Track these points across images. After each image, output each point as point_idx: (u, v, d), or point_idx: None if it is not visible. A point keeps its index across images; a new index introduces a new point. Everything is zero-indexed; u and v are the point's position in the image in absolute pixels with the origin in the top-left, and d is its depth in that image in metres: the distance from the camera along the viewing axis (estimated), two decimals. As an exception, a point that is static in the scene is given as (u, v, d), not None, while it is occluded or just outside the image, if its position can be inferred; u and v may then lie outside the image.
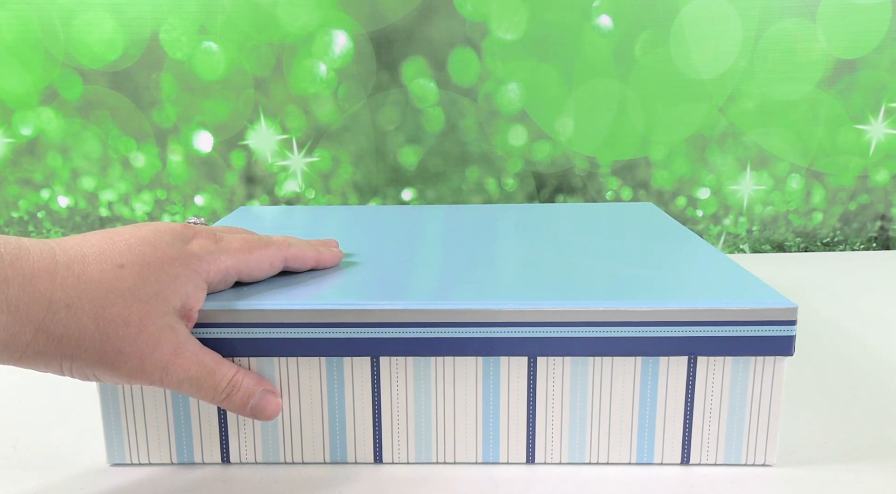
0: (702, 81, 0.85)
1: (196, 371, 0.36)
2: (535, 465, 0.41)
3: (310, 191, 0.87)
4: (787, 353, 0.39)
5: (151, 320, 0.35)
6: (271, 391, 0.39)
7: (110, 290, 0.34)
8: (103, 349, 0.34)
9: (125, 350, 0.34)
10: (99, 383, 0.38)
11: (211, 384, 0.37)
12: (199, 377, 0.37)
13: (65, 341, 0.33)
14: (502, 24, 0.83)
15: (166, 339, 0.35)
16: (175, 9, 0.81)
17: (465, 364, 0.40)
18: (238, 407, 0.38)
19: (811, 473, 0.40)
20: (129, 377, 0.35)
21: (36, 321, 0.32)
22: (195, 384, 0.37)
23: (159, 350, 0.35)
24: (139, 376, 0.35)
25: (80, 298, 0.33)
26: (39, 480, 0.40)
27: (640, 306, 0.39)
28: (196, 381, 0.37)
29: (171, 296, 0.36)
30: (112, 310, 0.34)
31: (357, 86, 0.84)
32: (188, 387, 0.37)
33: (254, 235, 0.42)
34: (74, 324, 0.33)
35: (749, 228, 0.90)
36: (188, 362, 0.36)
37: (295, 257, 0.43)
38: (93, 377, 0.35)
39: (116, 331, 0.34)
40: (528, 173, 0.87)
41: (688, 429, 0.40)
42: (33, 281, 0.32)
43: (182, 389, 0.36)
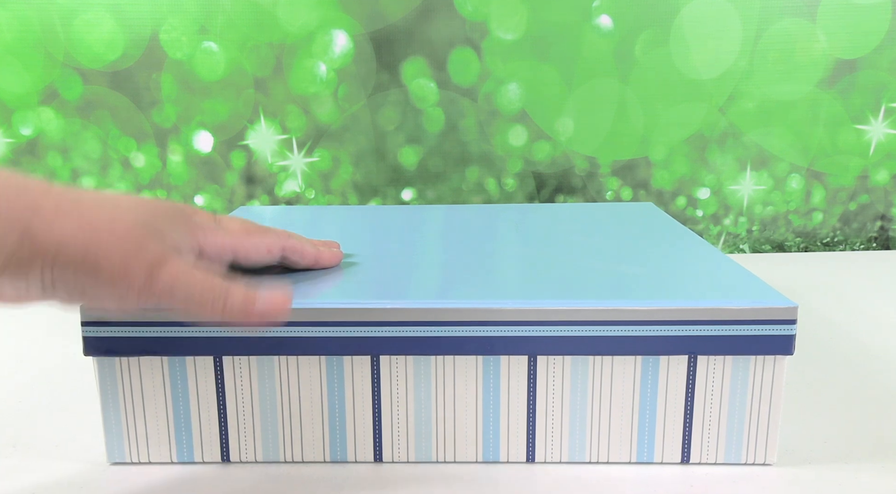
0: (702, 81, 0.85)
1: (186, 277, 0.34)
2: (535, 464, 0.41)
3: (310, 191, 0.87)
4: (788, 352, 0.39)
5: (139, 228, 0.34)
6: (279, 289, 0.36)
7: (103, 205, 0.34)
8: (86, 250, 0.32)
9: (109, 250, 0.33)
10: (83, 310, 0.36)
11: (202, 288, 0.34)
12: (190, 283, 0.34)
13: (48, 245, 0.32)
14: (502, 24, 0.83)
15: (154, 245, 0.34)
16: (175, 9, 0.81)
17: (465, 363, 0.40)
18: (241, 312, 0.35)
19: (811, 472, 0.40)
20: (111, 283, 0.33)
21: (22, 225, 0.31)
22: (185, 290, 0.34)
23: (145, 252, 0.33)
24: (122, 280, 0.33)
25: (70, 205, 0.33)
26: (39, 479, 0.40)
27: (640, 306, 0.39)
28: (186, 287, 0.34)
29: (165, 231, 0.35)
30: (100, 215, 0.33)
31: (357, 86, 0.84)
32: (179, 295, 0.34)
33: (255, 223, 0.42)
34: (59, 226, 0.32)
35: (749, 228, 0.90)
36: (176, 267, 0.34)
37: (293, 249, 0.43)
38: (75, 288, 0.33)
39: (101, 234, 0.33)
40: (528, 173, 0.87)
41: (688, 428, 0.40)
42: (24, 193, 0.32)
43: (173, 299, 0.34)
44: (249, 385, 0.40)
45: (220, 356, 0.40)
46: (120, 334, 0.39)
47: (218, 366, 0.40)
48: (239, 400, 0.41)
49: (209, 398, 0.41)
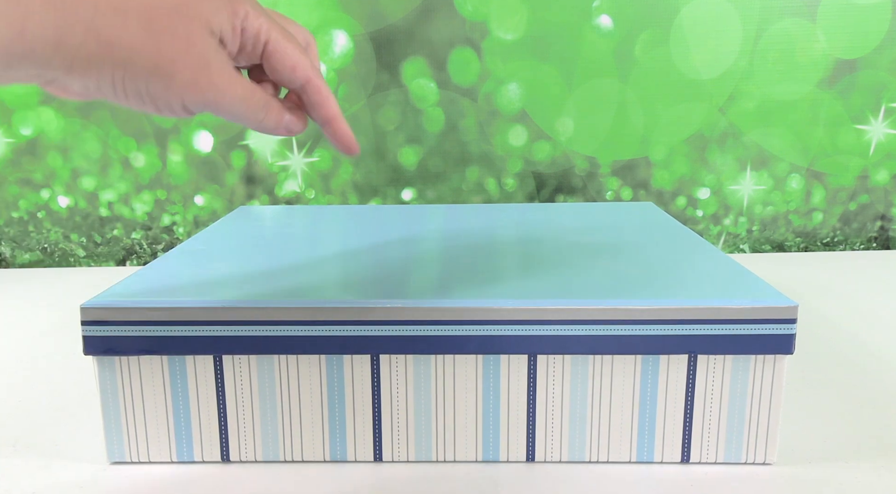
0: (702, 81, 0.85)
1: (243, 90, 0.37)
2: (535, 464, 0.41)
3: (310, 191, 0.87)
4: (788, 352, 0.39)
5: (199, 37, 0.35)
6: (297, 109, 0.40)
7: (157, 4, 0.34)
8: (157, 58, 0.33)
9: (178, 61, 0.34)
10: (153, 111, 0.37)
11: (255, 101, 0.37)
12: (246, 95, 0.37)
13: (117, 45, 0.32)
14: (502, 24, 0.83)
15: (215, 57, 0.35)
16: (175, 9, 0.81)
17: (465, 362, 0.40)
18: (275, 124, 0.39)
19: (811, 472, 0.40)
20: (182, 90, 0.35)
21: (85, 22, 0.32)
22: (244, 101, 0.37)
23: (209, 68, 0.35)
24: (192, 90, 0.35)
25: (128, 5, 0.33)
26: (39, 478, 0.40)
27: (640, 305, 0.39)
28: (244, 99, 0.37)
29: (213, 21, 0.36)
30: (161, 21, 0.34)
31: (357, 86, 0.84)
32: (239, 106, 0.37)
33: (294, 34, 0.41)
34: (124, 30, 0.33)
35: (749, 228, 0.90)
36: (236, 81, 0.36)
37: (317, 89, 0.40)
38: (145, 94, 0.34)
39: (167, 41, 0.34)
40: (528, 173, 0.87)
41: (688, 428, 0.40)
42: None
43: (233, 108, 0.36)
44: (249, 385, 0.40)
45: (220, 356, 0.40)
46: (120, 333, 0.39)
47: (218, 366, 0.40)
48: (239, 400, 0.41)
49: (209, 397, 0.41)
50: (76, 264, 0.88)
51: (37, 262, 0.88)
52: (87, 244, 0.88)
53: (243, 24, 0.37)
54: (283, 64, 0.39)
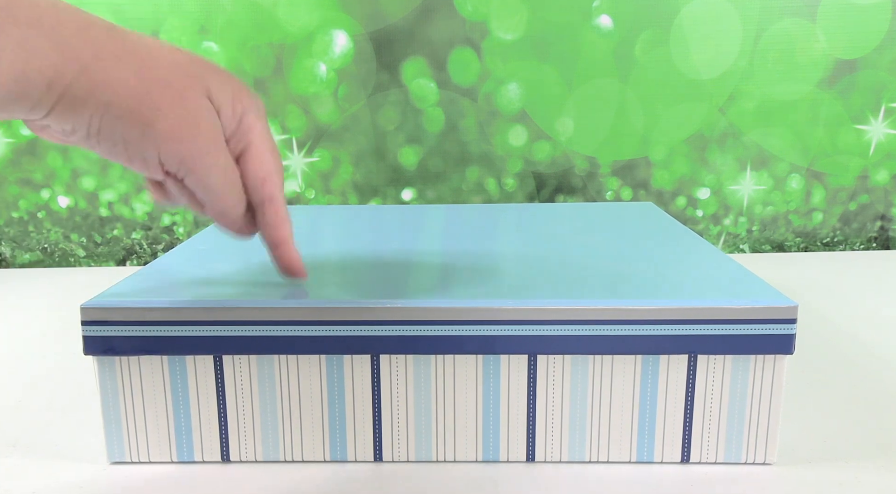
0: (702, 81, 0.85)
1: (225, 161, 0.36)
2: (535, 464, 0.41)
3: (310, 191, 0.87)
4: (788, 352, 0.39)
5: (194, 94, 0.34)
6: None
7: (160, 56, 0.34)
8: (141, 103, 0.33)
9: (164, 110, 0.33)
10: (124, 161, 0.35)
11: (234, 179, 0.36)
12: (227, 169, 0.36)
13: (104, 86, 0.32)
14: (502, 24, 0.83)
15: (205, 118, 0.35)
16: (175, 9, 0.81)
17: (465, 363, 0.40)
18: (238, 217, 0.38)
19: (811, 472, 0.40)
20: (160, 140, 0.33)
21: (82, 62, 0.32)
22: (224, 172, 0.36)
23: (197, 125, 0.34)
24: (171, 141, 0.34)
25: (129, 53, 0.33)
26: (39, 478, 0.40)
27: (640, 305, 0.39)
28: (224, 170, 0.36)
29: (214, 90, 0.35)
30: (157, 72, 0.33)
31: (357, 86, 0.84)
32: (217, 176, 0.35)
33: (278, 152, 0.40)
34: (117, 74, 0.32)
35: (749, 228, 0.90)
36: (220, 149, 0.35)
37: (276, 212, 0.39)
38: (119, 141, 0.33)
39: (158, 89, 0.33)
40: (528, 173, 0.87)
41: (688, 428, 0.40)
42: (89, 29, 0.32)
43: (210, 177, 0.35)
44: (249, 385, 0.40)
45: (220, 356, 0.40)
46: (120, 333, 0.39)
47: (218, 366, 0.40)
48: (239, 400, 0.41)
49: (209, 397, 0.41)
50: (76, 264, 0.88)
51: (37, 262, 0.88)
52: (87, 244, 0.88)
53: (242, 113, 0.36)
54: (256, 172, 0.38)
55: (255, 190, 0.38)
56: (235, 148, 0.37)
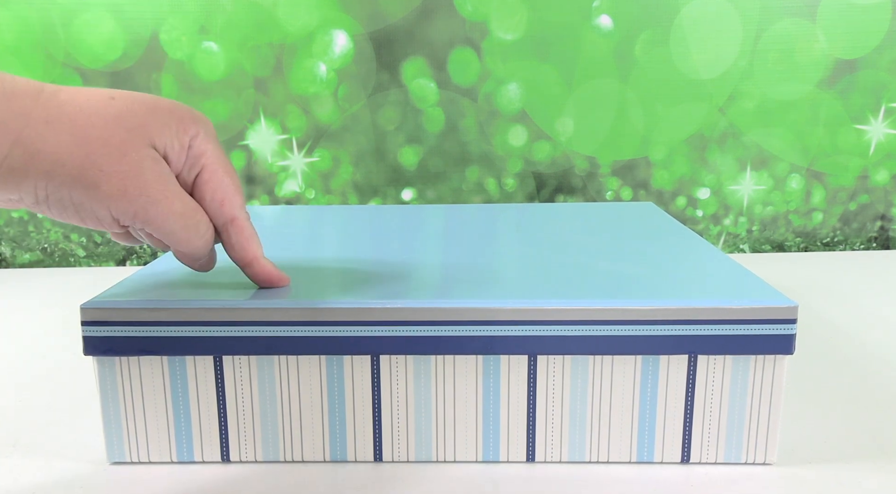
0: (702, 81, 0.85)
1: (181, 206, 0.35)
2: (535, 464, 0.41)
3: (310, 191, 0.87)
4: (788, 352, 0.39)
5: (134, 147, 0.33)
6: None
7: (93, 113, 0.33)
8: (83, 166, 0.32)
9: (107, 170, 0.33)
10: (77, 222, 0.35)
11: (193, 220, 0.36)
12: (185, 212, 0.35)
13: (42, 155, 0.31)
14: (502, 24, 0.83)
15: (150, 168, 0.34)
16: (175, 9, 0.81)
17: (465, 363, 0.40)
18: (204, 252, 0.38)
19: (811, 472, 0.40)
20: (109, 200, 0.33)
21: (13, 134, 0.31)
22: (181, 217, 0.35)
23: (143, 177, 0.34)
24: (120, 199, 0.33)
25: (61, 116, 0.32)
26: (39, 479, 0.40)
27: (640, 305, 0.39)
28: (181, 216, 0.35)
29: (155, 135, 0.34)
30: (92, 131, 0.33)
31: (357, 86, 0.84)
32: (174, 221, 0.35)
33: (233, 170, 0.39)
34: (52, 139, 0.32)
35: (749, 228, 0.90)
36: (172, 195, 0.35)
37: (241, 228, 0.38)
38: (69, 205, 0.33)
39: (97, 150, 0.32)
40: (528, 173, 0.87)
41: (688, 428, 0.40)
42: (13, 98, 0.31)
43: (167, 223, 0.35)
44: (249, 385, 0.40)
45: (220, 356, 0.40)
46: (120, 333, 0.39)
47: (218, 366, 0.40)
48: (239, 400, 0.41)
49: (209, 398, 0.41)
50: (76, 264, 0.88)
51: (37, 262, 0.88)
52: (87, 244, 0.88)
53: (191, 142, 0.36)
54: (213, 195, 0.37)
55: (216, 214, 0.38)
56: (189, 176, 0.37)
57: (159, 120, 0.35)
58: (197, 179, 0.37)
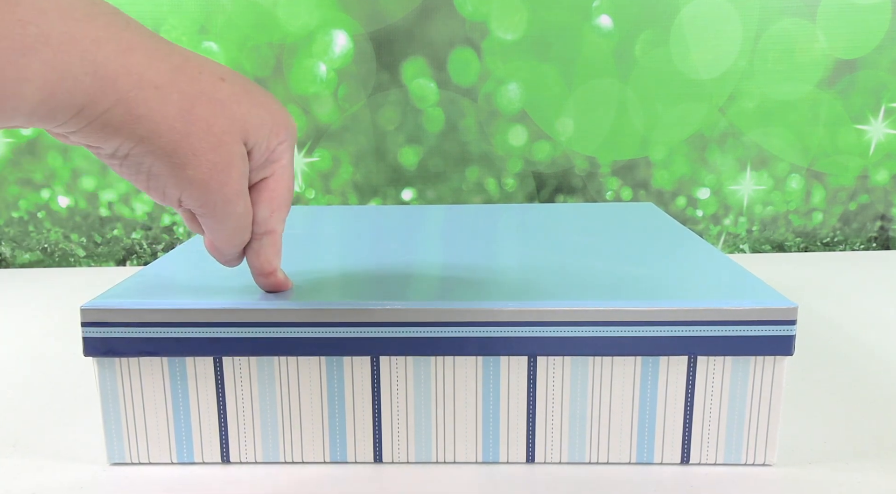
0: (702, 81, 0.85)
1: (243, 208, 0.35)
2: (535, 465, 0.41)
3: (310, 191, 0.87)
4: (787, 353, 0.39)
5: (231, 139, 0.33)
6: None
7: (203, 92, 0.32)
8: (179, 144, 0.31)
9: (200, 155, 0.32)
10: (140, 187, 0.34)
11: (246, 223, 0.36)
12: (243, 214, 0.35)
13: (142, 121, 0.30)
14: (502, 24, 0.83)
15: (237, 165, 0.33)
16: (175, 9, 0.81)
17: (464, 364, 0.40)
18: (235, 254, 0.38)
19: (811, 473, 0.40)
20: (189, 184, 0.33)
21: (120, 92, 0.29)
22: (239, 218, 0.35)
23: (228, 172, 0.33)
24: (200, 187, 0.33)
25: (173, 84, 0.31)
26: (39, 479, 0.40)
27: (640, 306, 0.39)
28: (240, 216, 0.35)
29: (251, 131, 0.34)
30: (199, 110, 0.32)
31: (357, 86, 0.84)
32: (232, 221, 0.35)
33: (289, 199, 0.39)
34: (158, 107, 0.30)
35: (749, 228, 0.90)
36: (241, 196, 0.35)
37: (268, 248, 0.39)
38: (145, 171, 0.32)
39: (197, 132, 0.32)
40: (528, 173, 0.87)
41: (688, 429, 0.40)
42: (128, 53, 0.29)
43: (226, 220, 0.35)
44: (249, 385, 0.40)
45: (220, 357, 0.40)
46: (120, 334, 0.39)
47: (218, 366, 0.40)
48: (239, 400, 0.41)
49: (209, 398, 0.41)
50: (76, 264, 0.88)
51: (37, 262, 0.88)
52: (87, 244, 0.88)
53: (276, 146, 0.36)
54: (268, 203, 0.37)
55: (262, 221, 0.37)
56: (256, 176, 0.37)
57: (259, 116, 0.34)
58: (261, 182, 0.37)
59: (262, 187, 0.37)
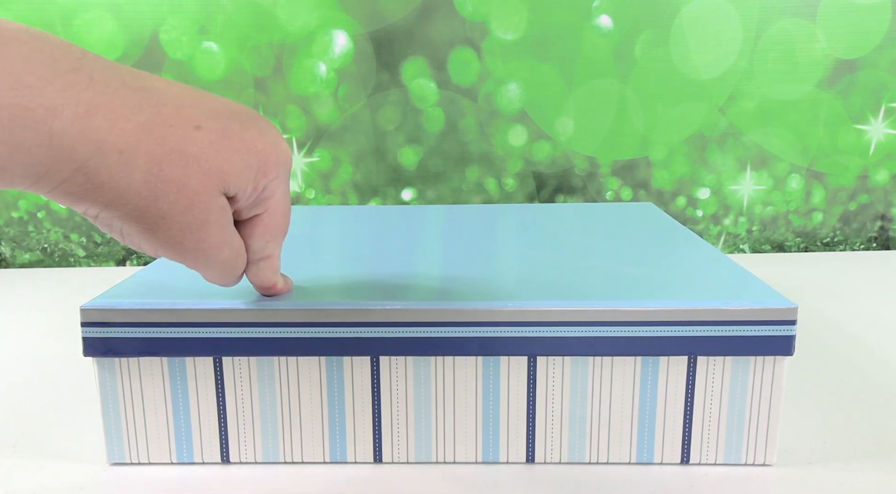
0: (702, 81, 0.85)
1: (229, 253, 0.34)
2: (535, 465, 0.41)
3: (310, 191, 0.87)
4: (787, 353, 0.39)
5: (206, 195, 0.31)
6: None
7: (174, 149, 0.30)
8: (146, 209, 0.30)
9: (169, 219, 0.30)
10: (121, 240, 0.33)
11: (235, 263, 0.35)
12: (228, 261, 0.34)
13: (105, 189, 0.29)
14: (502, 24, 0.83)
15: (214, 220, 0.32)
16: (175, 9, 0.81)
17: (464, 364, 0.40)
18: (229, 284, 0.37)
19: (811, 473, 0.40)
20: (160, 246, 0.32)
21: (79, 161, 0.27)
22: (223, 264, 0.34)
23: (205, 230, 0.32)
24: (172, 248, 0.32)
25: (138, 147, 0.29)
26: (39, 479, 0.40)
27: (640, 306, 0.39)
28: (224, 263, 0.34)
29: (232, 180, 0.32)
30: (168, 171, 0.29)
31: (357, 86, 0.84)
32: (214, 268, 0.34)
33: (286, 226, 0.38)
34: (122, 174, 0.28)
35: (749, 228, 0.90)
36: (225, 243, 0.33)
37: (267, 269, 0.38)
38: (118, 232, 0.31)
39: (167, 195, 0.30)
40: (528, 173, 0.87)
41: (688, 429, 0.40)
42: (87, 117, 0.27)
43: (207, 271, 0.34)
44: (249, 385, 0.40)
45: (220, 357, 0.40)
46: (120, 334, 0.39)
47: (218, 366, 0.40)
48: (239, 400, 0.41)
49: (209, 398, 0.41)
50: (76, 264, 0.88)
51: (37, 262, 0.88)
52: (87, 244, 0.88)
53: (266, 184, 0.34)
54: (263, 235, 0.36)
55: (257, 250, 0.37)
56: (248, 213, 0.35)
57: (242, 161, 0.32)
58: (255, 218, 0.36)
59: (255, 223, 0.36)
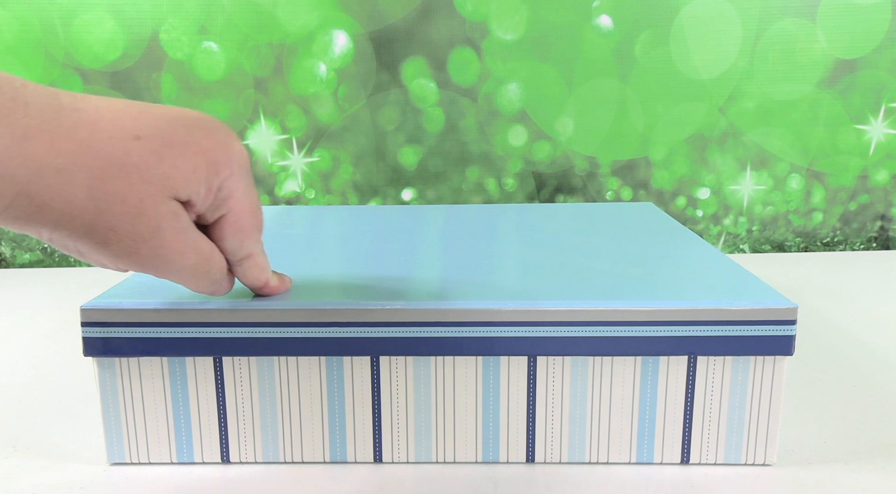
0: (702, 81, 0.85)
1: (194, 258, 0.33)
2: (535, 465, 0.41)
3: (310, 191, 0.87)
4: (787, 353, 0.39)
5: (153, 203, 0.31)
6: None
7: (113, 162, 0.30)
8: (93, 224, 0.30)
9: (119, 231, 0.30)
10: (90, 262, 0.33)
11: (207, 268, 0.35)
12: (197, 263, 0.34)
13: (48, 209, 0.29)
14: (502, 24, 0.83)
15: (168, 226, 0.32)
16: (175, 9, 0.81)
17: (464, 364, 0.40)
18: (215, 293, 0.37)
19: (811, 473, 0.40)
20: (117, 259, 0.32)
21: (19, 185, 0.28)
22: (191, 269, 0.34)
23: (158, 237, 0.31)
24: (129, 259, 0.32)
25: (76, 164, 0.29)
26: (39, 479, 0.40)
27: (640, 306, 0.39)
28: (193, 267, 0.34)
29: (181, 185, 0.32)
30: (110, 185, 0.30)
31: (357, 86, 0.84)
32: (183, 274, 0.34)
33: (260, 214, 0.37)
34: (64, 191, 0.29)
35: (749, 228, 0.90)
36: (188, 248, 0.33)
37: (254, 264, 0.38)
38: (75, 252, 0.31)
39: (111, 208, 0.30)
40: (528, 173, 0.87)
41: (688, 429, 0.40)
42: (25, 141, 0.28)
43: (175, 277, 0.34)
44: (249, 385, 0.40)
45: (220, 357, 0.40)
46: (120, 334, 0.39)
47: (218, 366, 0.40)
48: (239, 400, 0.41)
49: (209, 398, 0.41)
50: (76, 264, 0.88)
51: (37, 262, 0.88)
52: (87, 244, 0.88)
53: (221, 183, 0.34)
54: (234, 236, 0.36)
55: (234, 251, 0.36)
56: (212, 216, 0.35)
57: (188, 164, 0.32)
58: (221, 219, 0.35)
59: (222, 224, 0.35)
